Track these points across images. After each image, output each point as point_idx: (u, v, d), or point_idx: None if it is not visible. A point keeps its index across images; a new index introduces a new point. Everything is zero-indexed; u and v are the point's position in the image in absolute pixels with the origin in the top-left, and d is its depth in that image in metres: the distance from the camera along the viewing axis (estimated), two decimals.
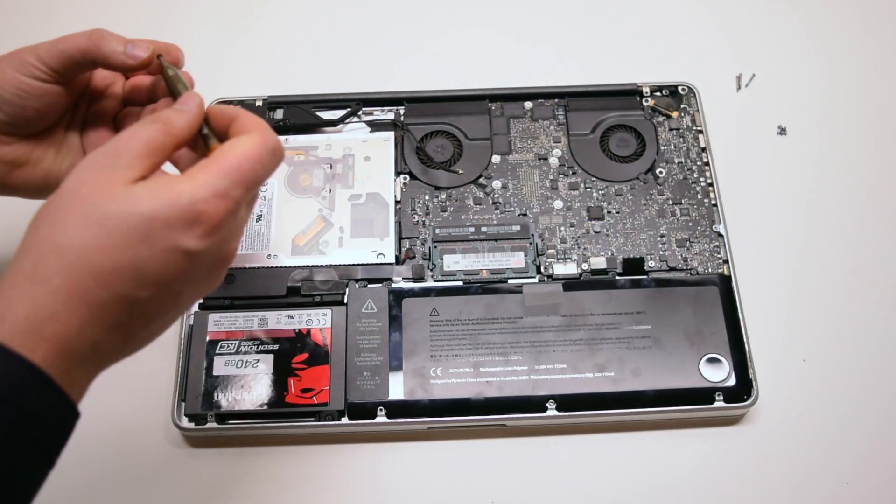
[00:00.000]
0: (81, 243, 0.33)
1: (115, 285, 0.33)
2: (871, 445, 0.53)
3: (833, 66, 0.68)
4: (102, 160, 0.35)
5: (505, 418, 0.52)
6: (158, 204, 0.34)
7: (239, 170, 0.36)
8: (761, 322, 0.56)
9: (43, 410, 0.32)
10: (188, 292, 0.37)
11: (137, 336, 0.36)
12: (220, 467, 0.52)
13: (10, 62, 0.45)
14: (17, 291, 0.33)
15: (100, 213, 0.34)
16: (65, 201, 0.34)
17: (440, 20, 0.70)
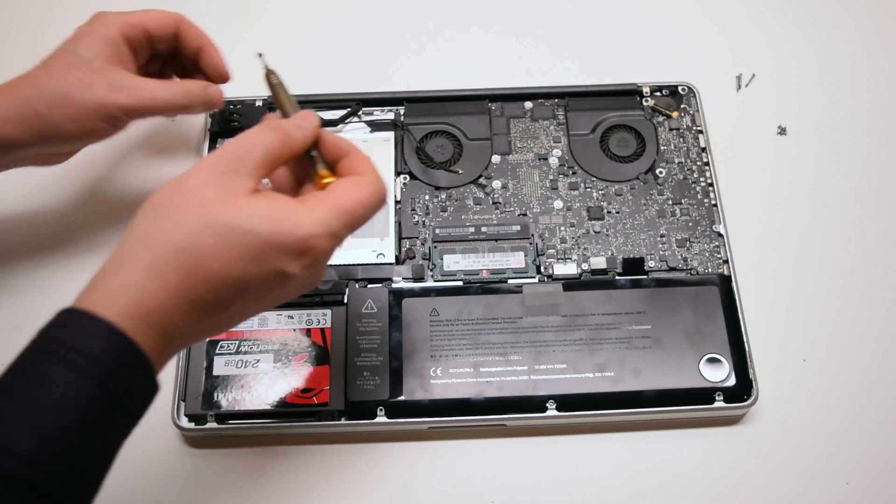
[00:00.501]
0: (201, 248, 0.36)
1: (220, 292, 0.36)
2: (871, 445, 0.53)
3: (833, 66, 0.68)
4: (226, 164, 0.38)
5: (505, 418, 0.52)
6: (277, 229, 0.37)
7: (352, 214, 0.39)
8: (761, 322, 0.56)
9: (137, 388, 0.35)
10: (271, 302, 0.40)
11: (218, 328, 0.40)
12: (220, 467, 0.52)
13: (98, 111, 0.49)
14: (133, 279, 0.35)
15: (223, 223, 0.36)
16: (188, 202, 0.37)
17: (440, 20, 0.70)
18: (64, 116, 0.48)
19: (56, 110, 0.48)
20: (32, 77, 0.49)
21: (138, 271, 0.35)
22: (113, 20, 0.50)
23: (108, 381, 0.34)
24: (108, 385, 0.34)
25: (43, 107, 0.48)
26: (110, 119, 0.50)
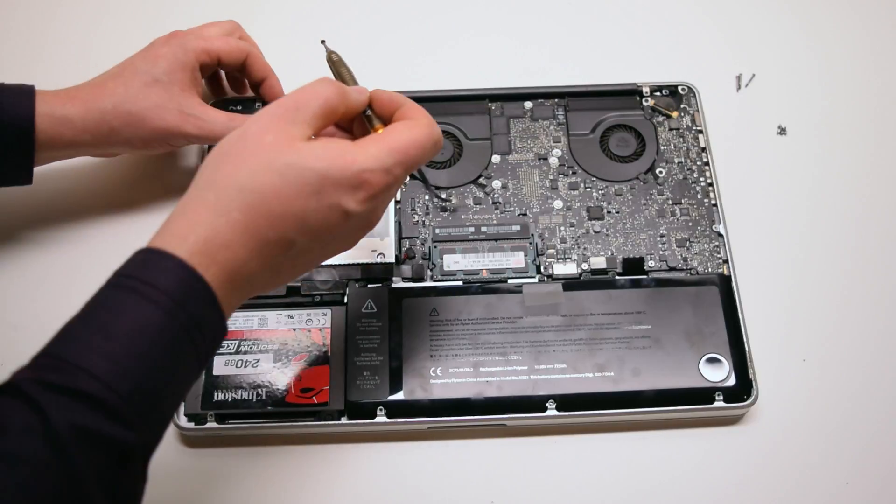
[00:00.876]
0: (262, 187, 0.38)
1: (282, 228, 0.38)
2: (871, 445, 0.53)
3: (833, 66, 0.68)
4: (284, 113, 0.40)
5: (505, 418, 0.52)
6: (333, 166, 0.39)
7: (405, 152, 0.41)
8: (761, 322, 0.56)
9: (204, 322, 0.37)
10: (332, 246, 0.42)
11: (283, 275, 0.41)
12: (220, 467, 0.52)
13: (166, 134, 0.53)
14: (200, 217, 0.38)
15: (282, 163, 0.38)
16: (249, 146, 0.39)
17: (440, 21, 0.70)
18: (133, 134, 0.53)
19: (128, 127, 0.52)
20: (111, 91, 0.52)
21: (204, 211, 0.38)
22: (192, 45, 0.54)
23: (177, 311, 0.36)
24: (177, 316, 0.36)
25: (117, 122, 0.52)
26: (173, 142, 0.55)
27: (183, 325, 0.36)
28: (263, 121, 0.40)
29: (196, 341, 0.37)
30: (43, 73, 0.56)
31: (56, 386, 0.33)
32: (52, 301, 0.57)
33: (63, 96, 0.52)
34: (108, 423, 0.33)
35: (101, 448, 0.33)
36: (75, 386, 0.33)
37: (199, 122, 0.54)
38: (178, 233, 0.37)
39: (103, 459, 0.33)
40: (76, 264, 0.58)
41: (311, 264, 0.43)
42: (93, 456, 0.33)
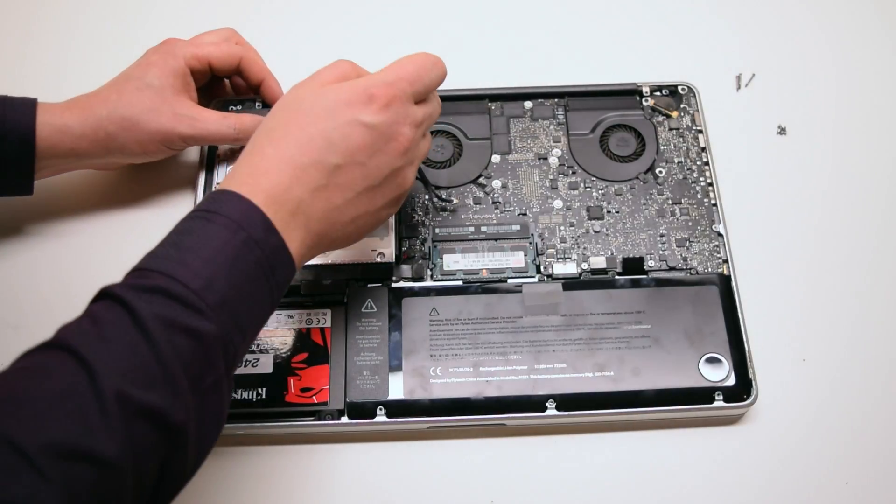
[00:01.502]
0: (283, 122, 0.44)
1: (311, 151, 0.43)
2: (871, 445, 0.53)
3: (833, 66, 0.68)
4: (304, 82, 0.47)
5: (505, 418, 0.52)
6: (340, 90, 0.45)
7: (404, 68, 0.47)
8: (761, 322, 0.56)
9: (264, 242, 0.41)
10: (373, 166, 0.45)
11: (339, 207, 0.44)
12: (221, 467, 0.52)
13: (160, 136, 0.55)
14: (240, 162, 0.44)
15: (297, 101, 0.45)
16: (286, 99, 0.46)
17: (440, 20, 0.70)
18: (130, 138, 0.54)
19: (124, 132, 0.54)
20: (105, 98, 0.54)
21: (243, 157, 0.44)
22: (182, 51, 0.56)
23: (237, 230, 0.40)
24: (238, 233, 0.40)
25: (113, 128, 0.54)
26: (170, 144, 0.56)
27: (245, 241, 0.40)
28: (285, 95, 0.47)
29: (265, 268, 0.40)
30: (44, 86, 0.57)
31: (140, 286, 0.37)
32: (52, 301, 0.57)
33: (62, 106, 0.54)
34: (187, 313, 0.37)
35: (183, 334, 0.37)
36: (157, 285, 0.37)
37: (193, 122, 0.55)
38: (230, 176, 0.43)
39: (186, 345, 0.36)
40: (76, 264, 0.58)
41: (367, 198, 0.46)
42: (177, 342, 0.36)
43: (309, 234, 0.43)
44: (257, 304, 0.41)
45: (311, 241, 0.44)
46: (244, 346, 0.41)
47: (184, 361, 0.36)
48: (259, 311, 0.41)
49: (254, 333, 0.42)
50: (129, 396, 0.34)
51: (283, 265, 0.42)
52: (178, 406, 0.36)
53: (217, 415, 0.39)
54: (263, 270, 0.40)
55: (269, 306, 0.42)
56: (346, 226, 0.46)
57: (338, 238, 0.46)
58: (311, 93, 0.45)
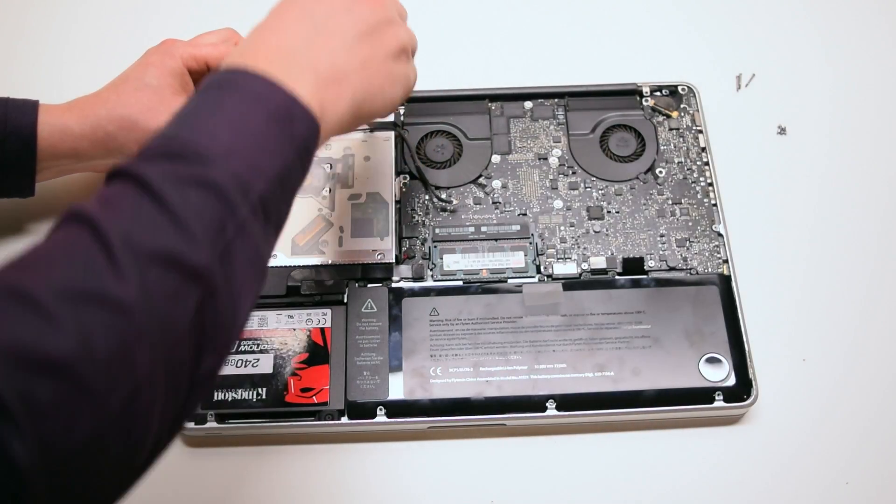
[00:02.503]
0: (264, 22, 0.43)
1: (292, 8, 0.43)
2: (871, 445, 0.53)
3: (833, 66, 0.68)
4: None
5: (505, 418, 0.52)
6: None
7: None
8: (761, 322, 0.56)
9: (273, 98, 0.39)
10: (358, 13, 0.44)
11: (341, 52, 0.43)
12: (220, 467, 0.52)
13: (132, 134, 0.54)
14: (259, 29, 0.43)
15: None
16: None
17: (440, 20, 0.70)
18: (129, 138, 0.54)
19: (123, 132, 0.54)
20: (105, 99, 0.54)
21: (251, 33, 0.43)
22: (180, 52, 0.56)
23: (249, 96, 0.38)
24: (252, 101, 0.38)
25: (112, 128, 0.54)
26: None
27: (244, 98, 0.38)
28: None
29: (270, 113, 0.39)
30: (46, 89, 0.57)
31: (141, 156, 0.36)
32: None
33: (62, 108, 0.54)
34: (191, 166, 0.35)
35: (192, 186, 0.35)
36: (157, 151, 0.36)
37: None
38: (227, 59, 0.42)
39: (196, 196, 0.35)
40: None
41: (365, 44, 0.44)
42: (185, 193, 0.34)
43: (319, 79, 0.42)
44: (278, 154, 0.38)
45: (326, 87, 0.42)
46: (272, 192, 0.38)
47: (195, 210, 0.34)
48: (282, 162, 0.39)
49: (282, 183, 0.39)
50: (138, 242, 0.33)
51: (300, 115, 0.40)
52: (195, 250, 0.34)
53: (250, 261, 0.37)
54: (278, 122, 0.39)
55: (297, 160, 0.40)
56: (360, 71, 0.44)
57: (359, 86, 0.44)
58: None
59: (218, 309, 0.34)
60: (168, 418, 0.33)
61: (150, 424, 0.32)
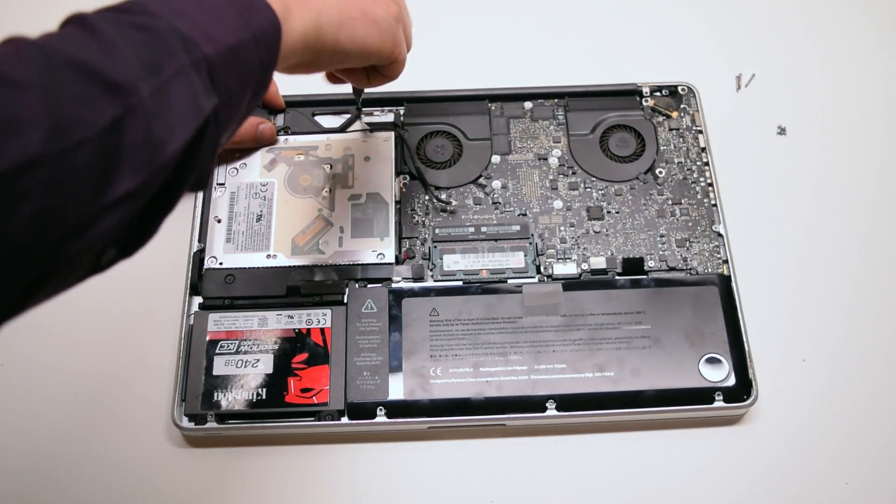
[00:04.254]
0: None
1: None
2: (871, 445, 0.53)
3: (833, 66, 0.68)
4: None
5: (505, 418, 0.52)
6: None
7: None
8: (761, 322, 0.56)
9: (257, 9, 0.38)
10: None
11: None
12: (220, 467, 0.52)
13: None
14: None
15: None
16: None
17: (440, 20, 0.70)
18: None
19: None
20: None
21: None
22: None
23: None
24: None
25: None
26: None
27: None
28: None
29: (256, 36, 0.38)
30: None
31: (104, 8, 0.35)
32: (49, 301, 0.57)
33: None
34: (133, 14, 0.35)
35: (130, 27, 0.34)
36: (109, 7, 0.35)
37: None
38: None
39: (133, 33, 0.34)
40: None
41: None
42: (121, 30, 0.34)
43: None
44: (228, 29, 0.37)
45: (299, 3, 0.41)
46: (221, 61, 0.37)
47: (129, 42, 0.34)
48: (233, 37, 0.37)
49: (234, 59, 0.38)
50: (57, 51, 0.32)
51: (261, 7, 0.39)
52: (118, 67, 0.33)
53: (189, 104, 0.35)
54: (235, 5, 0.38)
55: (254, 48, 0.38)
56: (340, 2, 0.43)
57: (327, 4, 0.43)
58: None
59: (140, 130, 0.33)
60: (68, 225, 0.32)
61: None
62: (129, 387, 0.54)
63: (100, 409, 0.54)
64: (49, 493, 0.52)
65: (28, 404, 0.54)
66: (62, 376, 0.55)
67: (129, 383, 0.55)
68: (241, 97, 0.39)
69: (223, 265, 0.56)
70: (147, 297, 0.57)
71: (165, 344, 0.55)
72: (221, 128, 0.38)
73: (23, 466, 0.52)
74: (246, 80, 0.38)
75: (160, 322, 0.56)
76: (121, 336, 0.56)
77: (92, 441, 0.53)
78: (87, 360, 0.55)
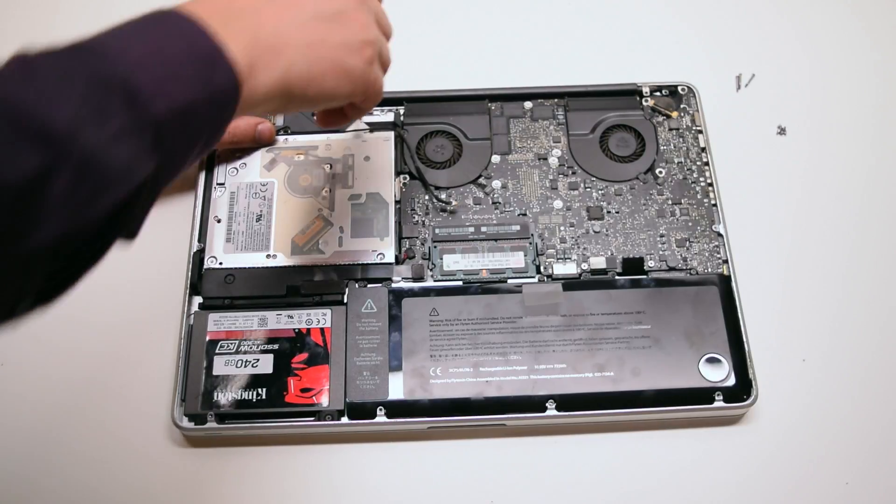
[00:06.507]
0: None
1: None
2: (871, 445, 0.53)
3: (832, 67, 0.68)
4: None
5: (505, 418, 0.52)
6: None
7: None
8: (761, 322, 0.56)
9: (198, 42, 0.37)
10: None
11: (290, 27, 0.41)
12: (220, 467, 0.52)
13: None
14: None
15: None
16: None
17: (440, 20, 0.70)
18: None
19: None
20: None
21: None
22: None
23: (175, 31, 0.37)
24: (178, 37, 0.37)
25: None
26: None
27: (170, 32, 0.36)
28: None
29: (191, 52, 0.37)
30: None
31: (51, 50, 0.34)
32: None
33: None
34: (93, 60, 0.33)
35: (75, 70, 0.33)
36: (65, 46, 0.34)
37: None
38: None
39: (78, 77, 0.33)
40: None
41: (320, 27, 0.42)
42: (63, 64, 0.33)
43: (257, 44, 0.39)
44: (186, 86, 0.36)
45: (260, 53, 0.39)
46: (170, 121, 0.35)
47: (72, 91, 0.32)
48: (192, 102, 0.36)
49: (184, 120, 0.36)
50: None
51: (223, 69, 0.37)
52: (55, 115, 0.31)
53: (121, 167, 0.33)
54: (196, 64, 0.37)
55: (209, 110, 0.37)
56: (302, 49, 0.41)
57: (296, 64, 0.41)
58: None
59: (67, 185, 0.31)
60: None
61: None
62: (130, 387, 0.54)
63: (100, 409, 0.54)
64: (49, 493, 0.52)
65: (28, 404, 0.54)
66: (62, 376, 0.55)
67: (129, 383, 0.55)
68: (186, 155, 0.38)
69: (223, 265, 0.56)
70: (147, 297, 0.57)
71: (165, 344, 0.55)
72: (160, 185, 0.36)
73: (23, 466, 0.52)
74: (195, 140, 0.37)
75: (160, 322, 0.56)
76: (121, 336, 0.56)
77: (92, 441, 0.53)
78: (87, 360, 0.55)
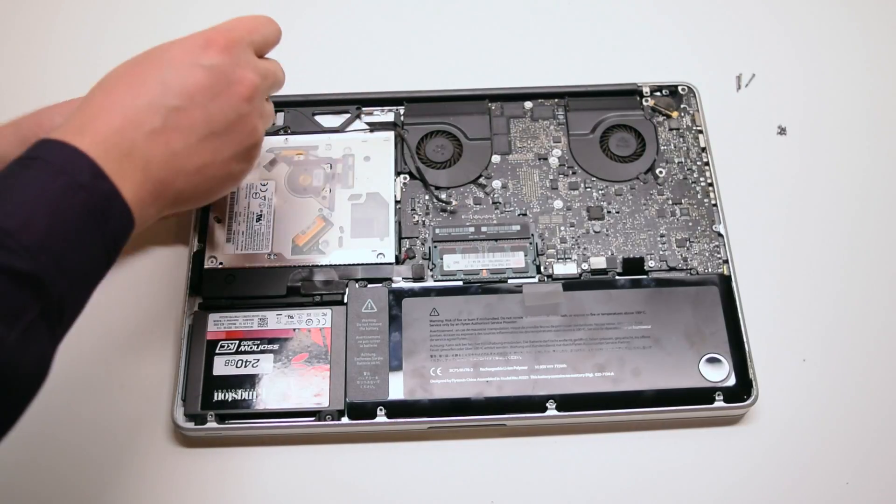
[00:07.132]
0: (119, 73, 0.43)
1: (146, 94, 0.41)
2: (871, 445, 0.53)
3: (833, 66, 0.68)
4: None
5: (505, 418, 0.52)
6: (179, 41, 0.44)
7: (240, 21, 0.47)
8: (761, 322, 0.56)
9: (91, 187, 0.38)
10: (215, 109, 0.43)
11: (181, 154, 0.42)
12: (220, 467, 0.52)
13: None
14: (69, 115, 0.41)
15: (136, 57, 0.44)
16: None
17: (440, 20, 0.70)
18: None
19: None
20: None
21: (79, 107, 0.41)
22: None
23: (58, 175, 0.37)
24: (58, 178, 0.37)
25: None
26: None
27: (67, 185, 0.37)
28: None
29: (88, 205, 0.38)
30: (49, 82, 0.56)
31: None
32: None
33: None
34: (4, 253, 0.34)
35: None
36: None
37: None
38: (57, 128, 0.40)
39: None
40: None
41: (212, 145, 0.44)
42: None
43: (148, 179, 0.40)
44: (87, 252, 0.37)
45: (151, 188, 0.41)
46: (72, 296, 0.37)
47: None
48: (89, 261, 0.38)
49: (85, 285, 0.38)
50: None
51: (118, 213, 0.39)
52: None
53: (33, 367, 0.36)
54: (94, 217, 0.38)
55: (104, 257, 0.39)
56: (192, 176, 0.43)
57: (185, 190, 0.43)
58: (151, 49, 0.44)
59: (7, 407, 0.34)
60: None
61: None
62: (129, 387, 0.54)
63: (99, 409, 0.54)
64: (49, 493, 0.52)
65: None
66: (61, 376, 0.55)
67: (128, 383, 0.55)
68: (84, 302, 0.39)
69: (223, 265, 0.56)
70: (147, 297, 0.57)
71: (165, 344, 0.55)
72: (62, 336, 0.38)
73: (22, 466, 0.52)
74: (94, 285, 0.39)
75: (160, 322, 0.56)
76: (120, 336, 0.56)
77: (91, 441, 0.53)
78: (87, 360, 0.55)
